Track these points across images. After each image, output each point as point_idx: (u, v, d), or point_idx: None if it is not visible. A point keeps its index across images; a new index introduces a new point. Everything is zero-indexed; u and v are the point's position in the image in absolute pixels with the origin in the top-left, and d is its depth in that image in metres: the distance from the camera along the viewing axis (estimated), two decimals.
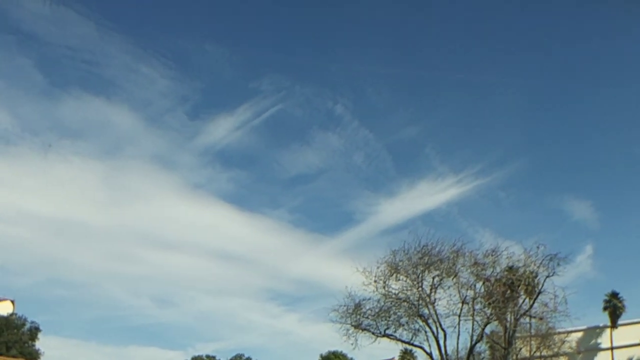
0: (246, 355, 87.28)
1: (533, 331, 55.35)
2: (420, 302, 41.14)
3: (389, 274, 41.36)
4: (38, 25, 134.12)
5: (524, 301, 45.18)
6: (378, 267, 41.37)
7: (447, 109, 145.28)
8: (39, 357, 60.80)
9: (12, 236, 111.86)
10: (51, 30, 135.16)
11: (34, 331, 62.70)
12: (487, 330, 46.40)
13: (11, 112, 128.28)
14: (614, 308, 71.18)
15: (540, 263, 42.57)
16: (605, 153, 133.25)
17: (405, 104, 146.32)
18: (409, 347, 49.72)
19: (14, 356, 53.17)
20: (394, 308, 41.87)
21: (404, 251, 41.65)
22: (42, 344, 63.59)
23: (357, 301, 41.85)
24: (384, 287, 41.36)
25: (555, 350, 58.95)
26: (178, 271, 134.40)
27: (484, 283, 42.78)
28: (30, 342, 62.04)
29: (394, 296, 41.51)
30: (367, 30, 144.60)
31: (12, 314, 64.22)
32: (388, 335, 42.19)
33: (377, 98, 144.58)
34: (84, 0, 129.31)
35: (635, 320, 69.76)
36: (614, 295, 71.58)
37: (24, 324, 62.58)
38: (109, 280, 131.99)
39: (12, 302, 69.62)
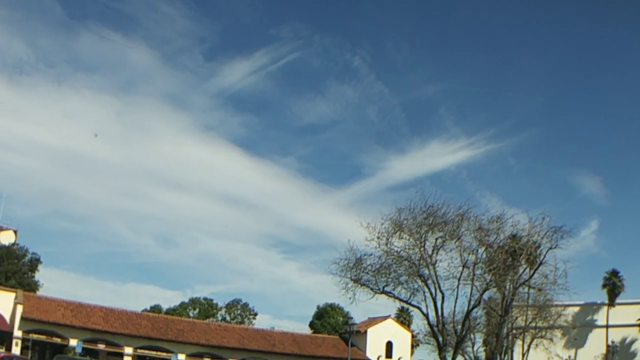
0: (243, 301, 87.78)
1: (530, 301, 55.55)
2: (421, 262, 41.08)
3: (392, 231, 41.24)
4: None
5: (524, 271, 45.25)
6: (382, 224, 41.31)
7: (466, 72, 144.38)
8: (37, 289, 60.77)
9: (20, 166, 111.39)
10: None
11: (35, 262, 62.56)
12: (485, 296, 46.64)
13: (28, 43, 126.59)
14: (613, 286, 70.98)
15: (545, 234, 42.51)
16: (621, 131, 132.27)
17: (423, 63, 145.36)
18: (406, 306, 49.91)
19: (12, 286, 53.11)
20: (394, 266, 41.90)
21: (409, 210, 41.65)
22: (41, 275, 63.59)
23: (358, 256, 41.96)
24: (386, 244, 41.35)
25: (551, 322, 59.24)
26: (183, 211, 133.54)
27: (486, 249, 42.70)
28: (30, 273, 61.98)
29: (395, 254, 41.48)
30: None
31: (13, 244, 64.01)
32: (386, 293, 42.33)
33: (396, 54, 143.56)
34: None
35: (633, 300, 69.64)
36: (615, 273, 71.33)
37: (25, 255, 62.36)
38: (114, 216, 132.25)
39: (15, 232, 69.54)
